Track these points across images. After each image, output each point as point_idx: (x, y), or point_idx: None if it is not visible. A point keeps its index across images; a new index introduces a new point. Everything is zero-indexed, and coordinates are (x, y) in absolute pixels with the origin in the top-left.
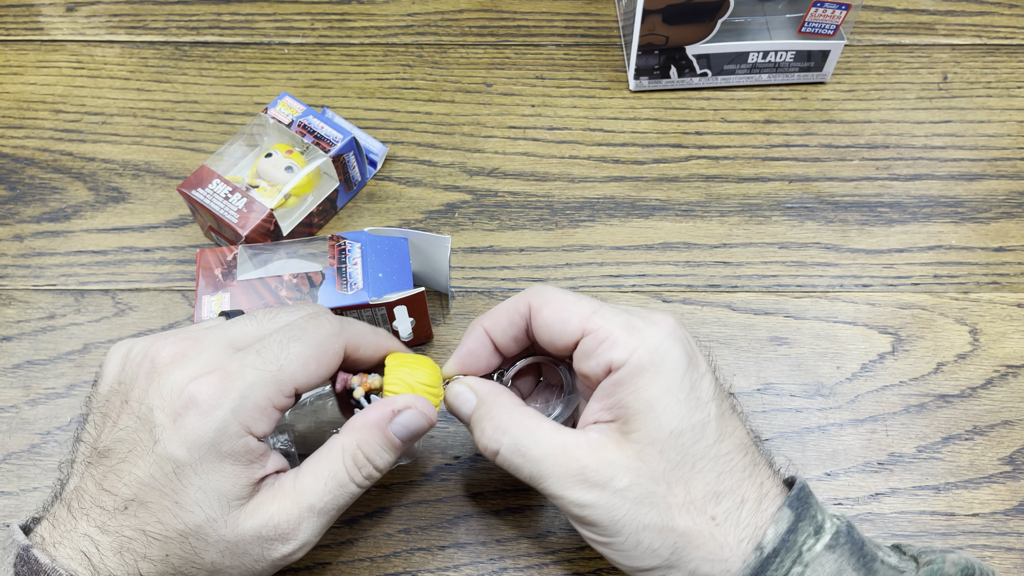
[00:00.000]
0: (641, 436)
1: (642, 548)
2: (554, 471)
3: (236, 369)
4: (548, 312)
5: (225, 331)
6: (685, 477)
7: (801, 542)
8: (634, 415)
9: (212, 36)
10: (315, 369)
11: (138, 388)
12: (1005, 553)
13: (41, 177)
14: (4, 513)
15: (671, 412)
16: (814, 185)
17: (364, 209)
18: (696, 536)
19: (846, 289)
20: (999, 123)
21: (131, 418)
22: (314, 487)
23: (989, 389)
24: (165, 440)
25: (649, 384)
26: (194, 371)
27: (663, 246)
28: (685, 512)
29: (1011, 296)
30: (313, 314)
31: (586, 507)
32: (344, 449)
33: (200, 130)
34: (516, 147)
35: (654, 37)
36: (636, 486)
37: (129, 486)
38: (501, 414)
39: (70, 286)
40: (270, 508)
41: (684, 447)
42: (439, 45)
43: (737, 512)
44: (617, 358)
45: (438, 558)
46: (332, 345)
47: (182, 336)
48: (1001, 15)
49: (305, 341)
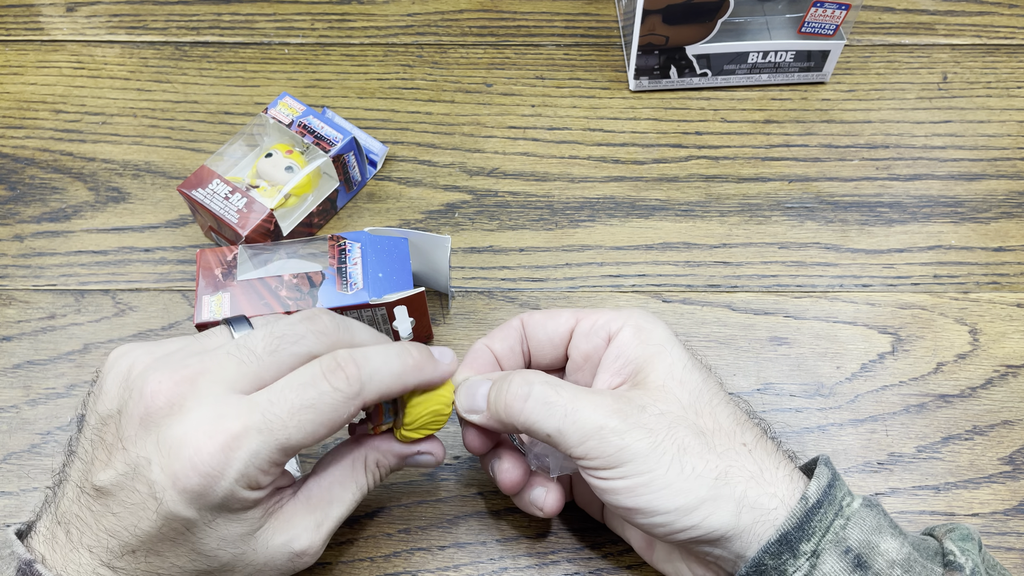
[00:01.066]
0: (659, 374)
1: (686, 474)
2: (588, 404)
3: (240, 432)
4: (539, 316)
5: (224, 371)
6: (708, 407)
7: (840, 497)
8: (647, 361)
9: (212, 36)
10: (324, 434)
11: (131, 429)
12: (1005, 553)
13: (41, 177)
14: (4, 513)
15: (679, 352)
16: (814, 185)
17: (364, 209)
18: (735, 458)
19: (846, 289)
20: (999, 123)
21: (126, 464)
22: (343, 498)
23: (989, 389)
24: (169, 502)
25: (652, 333)
26: (192, 427)
27: (663, 246)
28: (719, 436)
29: (1011, 296)
30: (332, 367)
31: (625, 434)
32: (368, 465)
33: (200, 130)
34: (516, 147)
35: (654, 37)
36: (669, 412)
37: (136, 537)
38: (525, 373)
39: (70, 286)
40: (299, 524)
41: (698, 381)
42: (439, 45)
43: (763, 440)
44: (615, 326)
45: (438, 558)
46: (347, 412)
47: (179, 370)
48: (1001, 15)
49: (319, 410)
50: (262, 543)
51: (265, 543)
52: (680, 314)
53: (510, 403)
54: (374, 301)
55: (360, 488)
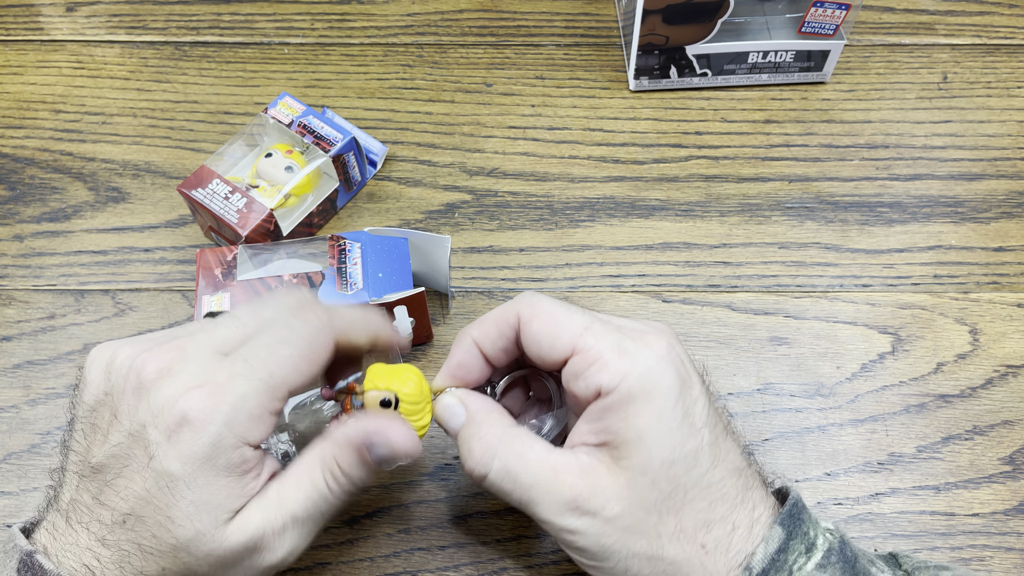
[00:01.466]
0: (632, 464)
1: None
2: (544, 498)
3: (225, 380)
4: (538, 325)
5: (209, 336)
6: (676, 507)
7: (792, 561)
8: (624, 443)
9: (212, 36)
10: (307, 368)
11: (126, 403)
12: (1005, 553)
13: (41, 177)
14: (4, 513)
15: (662, 443)
16: (814, 185)
17: (364, 209)
18: (685, 564)
19: (846, 289)
20: (999, 123)
21: (122, 434)
22: (296, 496)
23: (989, 389)
24: (160, 456)
25: (640, 412)
26: (183, 385)
27: (663, 246)
28: (675, 541)
29: (1011, 296)
30: (298, 307)
31: (576, 534)
32: (323, 460)
33: (200, 130)
34: (516, 147)
35: (654, 37)
36: (627, 515)
37: (127, 500)
38: (490, 435)
39: (70, 286)
40: (255, 519)
41: (676, 477)
42: (439, 45)
43: (728, 540)
44: (607, 382)
45: (438, 558)
46: (322, 342)
47: (166, 346)
48: (1001, 15)
49: (293, 343)
50: (224, 533)
51: (226, 535)
52: (680, 314)
53: (470, 473)
54: (374, 301)
55: (315, 485)
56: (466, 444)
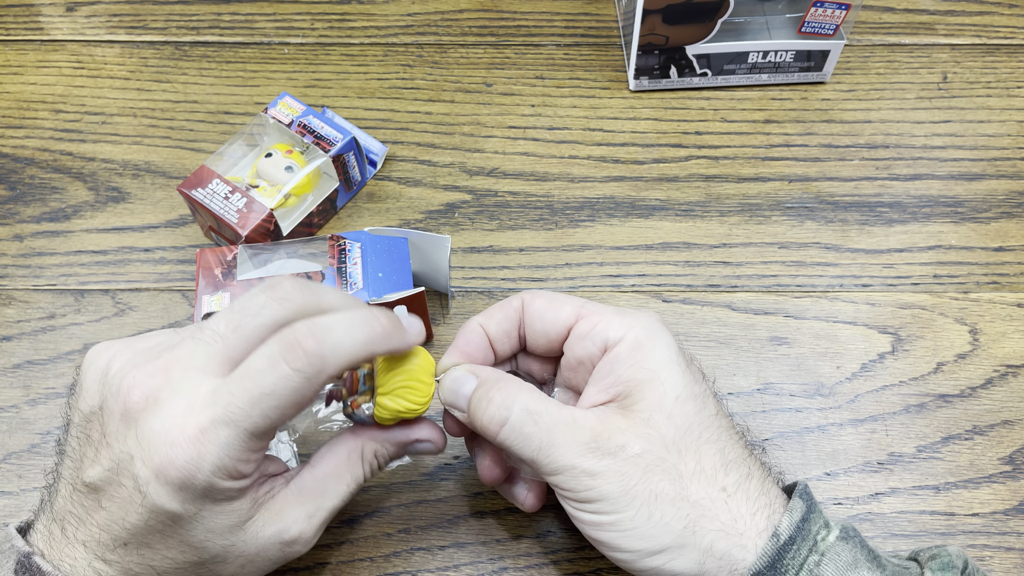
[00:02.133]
0: (648, 404)
1: (654, 521)
2: (565, 440)
3: (207, 426)
4: (541, 303)
5: (192, 357)
6: (694, 445)
7: (815, 531)
8: (637, 386)
9: (212, 36)
10: (293, 414)
11: (113, 426)
12: (1005, 553)
13: (41, 177)
14: (4, 513)
15: (674, 380)
16: (814, 185)
17: (364, 209)
18: (710, 507)
19: (846, 289)
20: (999, 123)
21: (112, 459)
22: (337, 490)
23: (989, 389)
24: (153, 495)
25: (649, 355)
26: (166, 420)
27: (663, 246)
28: (697, 481)
29: (1011, 296)
30: (289, 346)
31: (597, 476)
32: (364, 455)
33: (200, 130)
34: (516, 147)
35: (654, 37)
36: (648, 453)
37: (126, 530)
38: (510, 385)
39: (70, 286)
40: (291, 514)
41: (689, 415)
42: (439, 45)
43: (746, 484)
44: (613, 335)
45: (438, 558)
46: (310, 391)
47: (154, 364)
48: (1001, 15)
49: (279, 394)
50: (252, 534)
51: (255, 534)
52: (680, 314)
53: (487, 424)
54: (374, 301)
55: (355, 479)
56: (485, 396)
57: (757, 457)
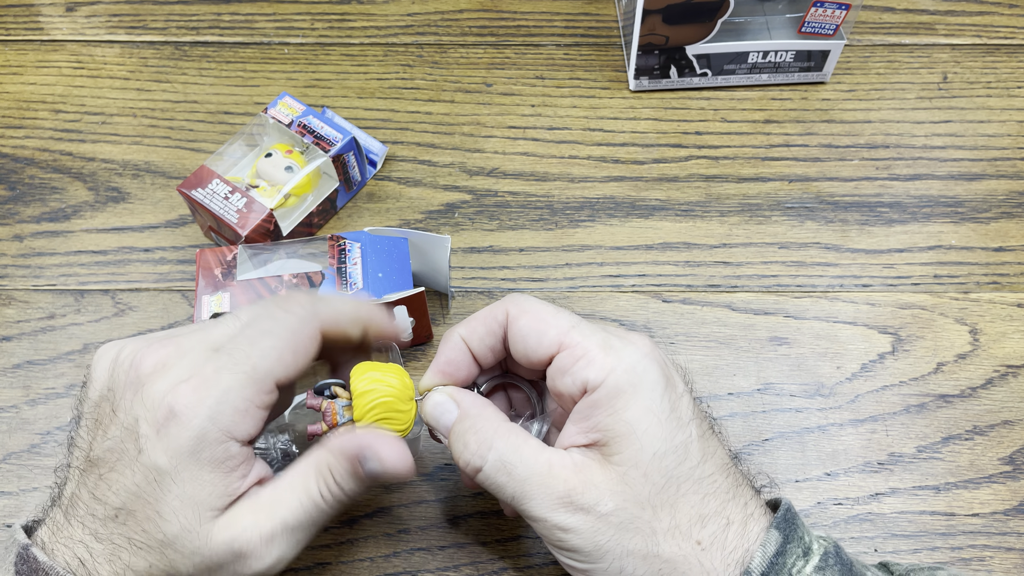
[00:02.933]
0: (624, 459)
1: (626, 575)
2: (539, 492)
3: (211, 374)
4: (525, 321)
5: (207, 333)
6: (670, 500)
7: (790, 564)
8: (614, 438)
9: (212, 36)
10: (292, 360)
11: (125, 399)
12: (1005, 553)
13: (41, 177)
14: (4, 513)
15: (653, 434)
16: (814, 185)
17: (364, 209)
18: (682, 563)
19: (846, 289)
20: (999, 123)
21: (119, 428)
22: (289, 502)
23: (989, 389)
24: (149, 450)
25: (628, 405)
26: (174, 380)
27: (663, 246)
28: (671, 537)
29: (1011, 296)
30: (283, 299)
31: (570, 531)
32: (318, 468)
33: (200, 130)
34: (516, 147)
35: (654, 37)
36: (621, 511)
37: (118, 495)
38: (486, 427)
39: (70, 286)
40: (243, 521)
41: (668, 469)
42: (439, 45)
43: (723, 535)
44: (593, 378)
45: (438, 558)
46: (306, 332)
47: (165, 342)
48: (1001, 15)
49: (276, 333)
50: (208, 531)
51: (212, 534)
52: (680, 314)
53: (463, 467)
54: (374, 301)
55: (308, 492)
56: (461, 438)
57: (743, 493)
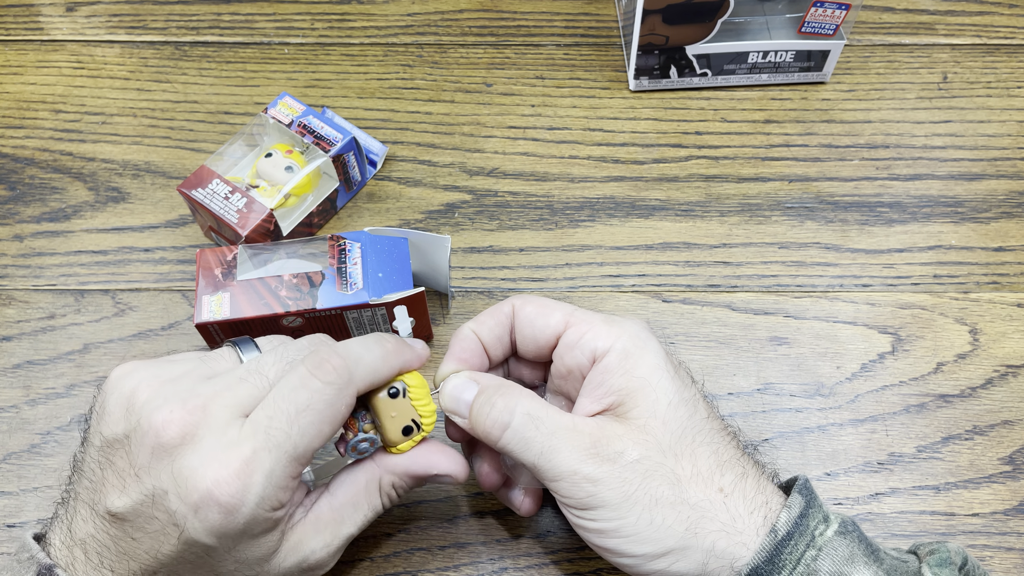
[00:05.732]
0: (641, 412)
1: (656, 525)
2: (566, 443)
3: (250, 455)
4: (531, 308)
5: (233, 393)
6: (689, 449)
7: (813, 527)
8: (629, 395)
9: (212, 36)
10: (329, 431)
11: (142, 459)
12: (1005, 553)
13: (41, 177)
14: (4, 513)
15: (665, 386)
16: (814, 185)
17: (364, 209)
18: (709, 508)
19: (846, 289)
20: (999, 123)
21: (142, 492)
22: (355, 519)
23: (989, 389)
24: (190, 530)
25: (638, 363)
26: (206, 457)
27: (663, 246)
28: (695, 484)
29: (1011, 296)
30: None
31: (598, 483)
32: (382, 487)
33: (200, 130)
34: (516, 147)
35: (654, 37)
36: (646, 459)
37: (157, 560)
38: (512, 390)
39: (70, 286)
40: (311, 543)
41: (682, 419)
42: (439, 45)
43: (742, 483)
44: (602, 346)
45: (438, 558)
46: (343, 401)
47: (190, 405)
48: (1001, 15)
49: (316, 408)
50: (275, 564)
51: (279, 564)
52: (680, 314)
53: (489, 429)
54: (374, 301)
55: (373, 509)
56: (488, 401)
57: (750, 456)
